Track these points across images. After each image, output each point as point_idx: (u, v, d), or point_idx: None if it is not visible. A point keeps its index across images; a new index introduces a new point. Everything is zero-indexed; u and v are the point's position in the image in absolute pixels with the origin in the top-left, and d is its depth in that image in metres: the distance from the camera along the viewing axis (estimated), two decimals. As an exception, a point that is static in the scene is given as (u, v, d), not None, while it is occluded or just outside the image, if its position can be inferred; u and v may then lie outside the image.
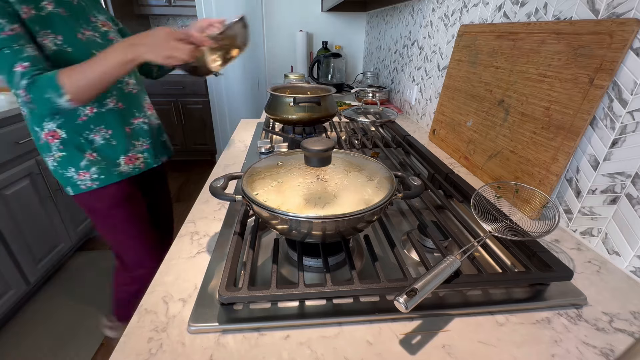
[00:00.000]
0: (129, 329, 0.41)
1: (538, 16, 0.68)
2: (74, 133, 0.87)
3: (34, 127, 0.86)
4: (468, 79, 0.90)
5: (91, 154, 0.89)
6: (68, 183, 0.90)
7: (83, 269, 1.82)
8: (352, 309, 0.43)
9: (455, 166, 0.90)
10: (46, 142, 0.86)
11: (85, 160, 0.89)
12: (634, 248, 0.49)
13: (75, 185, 0.90)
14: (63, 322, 1.48)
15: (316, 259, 0.51)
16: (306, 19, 2.38)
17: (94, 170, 0.90)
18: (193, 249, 0.56)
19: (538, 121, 0.64)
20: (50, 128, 0.85)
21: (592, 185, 0.56)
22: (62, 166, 0.88)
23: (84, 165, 0.89)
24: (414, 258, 0.54)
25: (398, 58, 1.60)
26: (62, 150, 0.87)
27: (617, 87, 0.51)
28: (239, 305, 0.43)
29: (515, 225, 0.54)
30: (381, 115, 1.27)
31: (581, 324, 0.42)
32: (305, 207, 0.43)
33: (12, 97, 1.60)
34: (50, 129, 0.85)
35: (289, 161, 0.54)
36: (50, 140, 0.86)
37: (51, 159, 0.88)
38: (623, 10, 0.51)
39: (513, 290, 0.46)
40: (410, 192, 0.52)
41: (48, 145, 0.86)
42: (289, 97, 0.99)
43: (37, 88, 0.70)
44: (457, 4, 1.01)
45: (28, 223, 1.50)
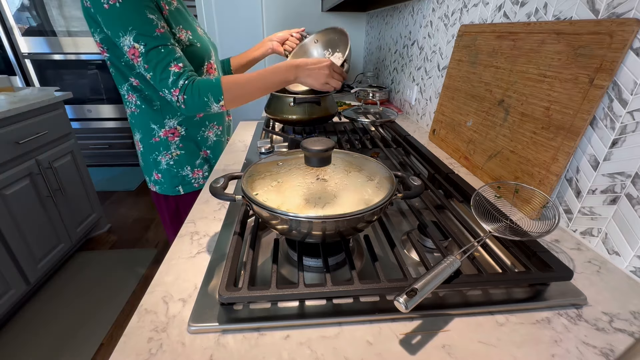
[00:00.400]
0: (129, 329, 0.41)
1: (538, 16, 0.68)
2: (193, 130, 0.88)
3: (151, 124, 0.85)
4: (468, 79, 0.90)
5: (205, 151, 0.91)
6: (181, 182, 0.90)
7: (83, 269, 1.82)
8: (352, 309, 0.43)
9: (455, 166, 0.90)
10: (165, 139, 0.85)
11: (200, 158, 0.90)
12: (634, 248, 0.49)
13: (189, 183, 0.90)
14: (63, 322, 1.48)
15: (316, 259, 0.51)
16: (306, 19, 2.38)
17: (206, 167, 0.92)
18: (193, 249, 0.56)
19: (538, 121, 0.64)
20: (172, 125, 0.85)
21: (592, 185, 0.56)
22: (179, 164, 0.88)
23: (199, 163, 0.91)
24: (414, 258, 0.54)
25: (398, 58, 1.60)
26: (181, 149, 0.88)
27: (617, 87, 0.51)
28: (239, 305, 0.43)
29: (515, 225, 0.54)
30: (381, 115, 1.27)
31: (581, 324, 0.42)
32: (305, 207, 0.43)
33: (12, 97, 1.60)
34: (171, 126, 0.85)
35: (289, 161, 0.54)
36: (170, 138, 0.86)
37: (167, 157, 0.87)
38: (623, 10, 0.51)
39: (513, 290, 0.46)
40: (410, 192, 0.52)
41: (167, 143, 0.86)
42: (288, 97, 0.99)
43: (197, 90, 0.70)
44: (457, 4, 1.01)
45: (28, 223, 1.50)
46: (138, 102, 0.84)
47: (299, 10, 2.35)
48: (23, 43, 2.57)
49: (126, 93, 0.85)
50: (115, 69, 0.81)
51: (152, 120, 0.85)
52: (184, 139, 0.88)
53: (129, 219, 2.31)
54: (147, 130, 0.86)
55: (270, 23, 2.39)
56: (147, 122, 0.86)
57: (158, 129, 0.86)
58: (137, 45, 0.69)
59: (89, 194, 1.97)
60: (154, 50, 0.70)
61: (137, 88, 0.83)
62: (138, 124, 0.87)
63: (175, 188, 0.91)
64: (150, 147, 0.88)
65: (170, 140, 0.86)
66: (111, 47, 0.77)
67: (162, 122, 0.86)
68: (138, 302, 1.03)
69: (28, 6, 2.46)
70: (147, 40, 0.69)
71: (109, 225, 2.22)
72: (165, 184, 0.92)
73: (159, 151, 0.88)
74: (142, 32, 0.69)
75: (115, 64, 0.80)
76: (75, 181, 1.84)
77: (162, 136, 0.86)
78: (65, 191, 1.75)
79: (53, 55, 2.62)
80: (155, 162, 0.89)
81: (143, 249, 2.00)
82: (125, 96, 0.85)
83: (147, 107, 0.85)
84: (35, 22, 2.52)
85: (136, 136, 0.89)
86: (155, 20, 0.71)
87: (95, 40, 0.77)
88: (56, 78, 2.70)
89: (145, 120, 0.86)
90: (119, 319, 1.50)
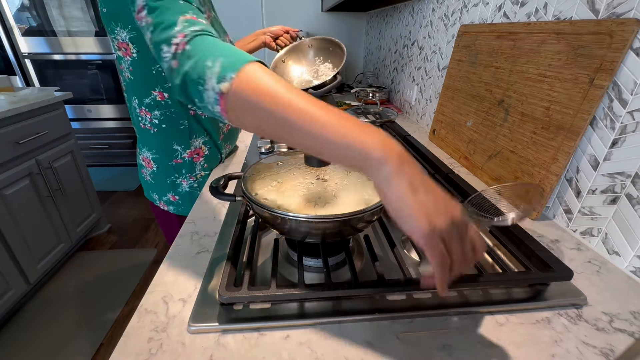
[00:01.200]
0: (129, 329, 0.41)
1: (538, 16, 0.68)
2: (214, 149, 0.80)
3: (174, 145, 0.74)
4: (468, 79, 0.90)
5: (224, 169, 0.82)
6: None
7: (83, 269, 1.82)
8: (352, 309, 0.43)
9: (455, 166, 0.90)
10: (189, 160, 0.75)
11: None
12: (634, 248, 0.49)
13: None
14: (63, 322, 1.48)
15: (316, 259, 0.51)
16: (306, 19, 2.38)
17: None
18: (193, 249, 0.56)
19: (538, 121, 0.64)
20: (197, 145, 0.76)
21: (592, 185, 0.56)
22: (200, 186, 0.79)
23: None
24: (414, 258, 0.54)
25: (398, 58, 1.60)
26: (205, 169, 0.79)
27: (617, 87, 0.51)
28: (239, 305, 0.43)
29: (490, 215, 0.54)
30: (381, 115, 1.27)
31: (581, 324, 0.42)
32: (305, 207, 0.43)
33: (12, 97, 1.60)
34: (197, 146, 0.76)
35: (289, 161, 0.54)
36: (196, 159, 0.76)
37: (191, 180, 0.77)
38: (623, 10, 0.51)
39: (513, 290, 0.46)
40: (410, 192, 0.52)
41: (192, 165, 0.76)
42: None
43: (205, 44, 0.41)
44: (457, 4, 1.01)
45: (28, 223, 1.50)
46: (156, 120, 0.72)
47: (299, 10, 2.35)
48: (23, 43, 2.57)
49: (138, 107, 0.71)
50: (136, 75, 0.68)
51: (177, 141, 0.75)
52: (207, 159, 0.80)
53: (129, 219, 2.31)
54: (168, 151, 0.75)
55: (271, 23, 2.39)
56: (168, 142, 0.75)
57: (182, 150, 0.75)
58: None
59: (89, 194, 1.97)
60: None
61: (162, 104, 0.70)
62: (154, 143, 0.76)
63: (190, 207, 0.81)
64: (168, 169, 0.77)
65: (195, 162, 0.78)
66: (142, 48, 0.64)
67: (187, 143, 0.75)
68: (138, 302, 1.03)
69: (28, 6, 2.46)
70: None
71: (109, 225, 2.22)
72: (183, 205, 0.82)
73: (180, 173, 0.78)
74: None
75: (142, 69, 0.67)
76: (75, 181, 1.84)
77: (187, 157, 0.76)
78: (65, 191, 1.75)
79: (53, 55, 2.62)
80: (173, 184, 0.79)
81: (143, 249, 2.00)
82: (137, 110, 0.72)
83: (169, 126, 0.73)
84: (35, 22, 2.51)
85: (147, 154, 0.77)
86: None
87: (122, 41, 0.64)
88: (56, 78, 2.70)
89: (167, 140, 0.75)
90: (119, 319, 1.50)
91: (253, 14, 2.37)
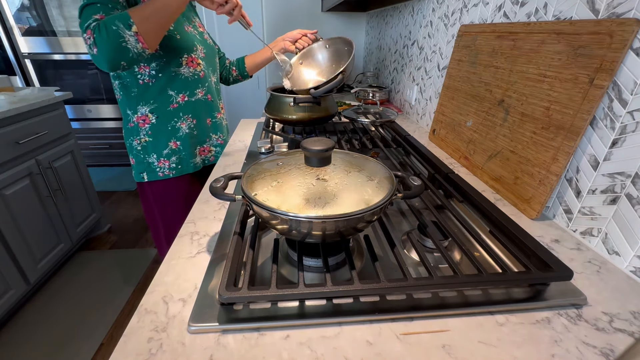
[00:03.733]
0: (129, 329, 0.41)
1: (538, 16, 0.68)
2: (164, 119, 0.90)
3: (127, 109, 0.89)
4: (468, 79, 0.90)
5: (175, 142, 0.93)
6: (146, 169, 0.93)
7: (83, 269, 1.82)
8: (352, 309, 0.43)
9: (455, 166, 0.90)
10: (136, 125, 0.89)
11: (168, 149, 0.92)
12: (634, 248, 0.49)
13: (153, 171, 0.93)
14: (63, 322, 1.48)
15: (316, 259, 0.51)
16: (306, 19, 2.38)
17: (173, 159, 0.94)
18: (193, 249, 0.56)
19: (538, 121, 0.64)
20: (144, 112, 0.89)
21: (592, 185, 0.56)
22: (146, 151, 0.91)
23: (166, 153, 0.92)
24: (414, 258, 0.54)
25: (398, 58, 1.60)
26: (149, 136, 0.91)
27: (617, 87, 0.51)
28: (239, 305, 0.43)
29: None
30: (381, 115, 1.27)
31: (581, 324, 0.42)
32: (305, 207, 0.43)
33: (12, 97, 1.60)
34: (143, 113, 0.89)
35: (289, 161, 0.54)
36: (141, 125, 0.89)
37: (136, 143, 0.91)
38: (623, 10, 0.51)
39: (513, 290, 0.46)
40: (410, 192, 0.52)
41: (137, 129, 0.90)
42: (288, 97, 0.99)
43: (104, 24, 0.66)
44: (457, 4, 1.01)
45: (28, 223, 1.50)
46: (118, 88, 0.89)
47: (299, 10, 2.35)
48: (23, 43, 2.57)
49: (113, 81, 0.90)
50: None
51: (129, 106, 0.89)
52: (153, 127, 0.90)
53: (129, 219, 2.31)
54: (125, 115, 0.91)
55: (271, 23, 2.39)
56: (124, 108, 0.90)
57: (132, 114, 0.89)
58: (82, 4, 0.70)
59: (89, 194, 1.97)
60: (91, 5, 0.69)
61: (120, 75, 0.87)
62: (121, 109, 0.92)
63: (140, 174, 0.94)
64: (126, 132, 0.93)
65: (140, 127, 0.90)
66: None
67: (135, 109, 0.89)
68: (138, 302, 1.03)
69: (28, 6, 2.46)
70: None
71: (109, 225, 2.22)
72: (135, 169, 0.96)
73: (133, 136, 0.91)
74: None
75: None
76: (75, 181, 1.84)
77: (135, 121, 0.89)
78: (65, 191, 1.75)
79: (53, 55, 2.62)
80: (130, 147, 0.93)
81: (143, 249, 2.00)
82: (113, 85, 0.90)
83: (125, 94, 0.88)
84: (35, 22, 2.51)
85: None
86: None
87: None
88: (56, 78, 2.70)
89: (124, 106, 0.90)
90: (119, 319, 1.50)
91: (253, 14, 2.37)
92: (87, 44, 0.68)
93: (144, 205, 1.02)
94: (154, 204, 0.99)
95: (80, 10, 0.71)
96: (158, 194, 0.97)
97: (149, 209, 1.01)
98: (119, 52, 0.68)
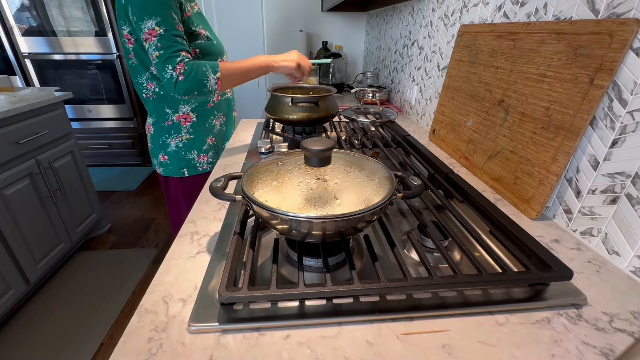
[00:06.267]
0: (129, 329, 0.41)
1: (538, 16, 0.68)
2: (202, 117, 0.99)
3: (166, 108, 0.95)
4: (468, 79, 0.90)
5: (211, 138, 1.03)
6: (187, 165, 1.00)
7: (83, 269, 1.82)
8: (352, 309, 0.43)
9: (455, 166, 0.90)
10: (177, 123, 0.96)
11: (206, 145, 1.01)
12: (634, 248, 0.49)
13: (194, 167, 1.01)
14: (63, 322, 1.48)
15: (316, 259, 0.51)
16: (306, 19, 2.38)
17: (210, 154, 1.02)
18: (193, 249, 0.56)
19: (538, 121, 0.64)
20: (185, 111, 0.96)
21: (592, 185, 0.56)
22: (187, 148, 0.99)
23: (205, 149, 1.01)
24: (414, 258, 0.54)
25: (398, 58, 1.60)
26: (190, 133, 0.98)
27: (617, 87, 0.51)
28: (239, 305, 0.43)
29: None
30: (381, 115, 1.27)
31: (581, 324, 0.42)
32: (305, 207, 0.43)
33: (12, 97, 1.60)
34: (184, 112, 0.96)
35: (289, 161, 0.54)
36: (182, 123, 0.97)
37: (177, 140, 0.98)
38: (623, 10, 0.51)
39: (513, 290, 0.46)
40: (410, 192, 0.52)
41: (178, 127, 0.97)
42: (288, 97, 0.99)
43: (197, 65, 0.81)
44: (457, 4, 1.01)
45: (28, 223, 1.50)
46: (157, 89, 0.94)
47: (299, 10, 2.36)
48: (23, 43, 2.57)
49: (145, 81, 0.94)
50: (138, 59, 0.91)
51: (168, 105, 0.94)
52: (195, 125, 0.98)
53: (129, 219, 2.31)
54: (161, 114, 0.96)
55: (270, 23, 2.39)
56: (162, 107, 0.95)
57: (172, 113, 0.95)
58: (158, 28, 0.80)
59: (89, 194, 1.97)
60: (172, 36, 0.81)
61: (157, 76, 0.93)
62: (153, 108, 0.96)
63: (181, 170, 1.00)
64: (161, 130, 0.97)
65: (182, 125, 0.96)
66: (139, 38, 0.86)
67: (176, 108, 0.95)
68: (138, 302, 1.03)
69: (28, 6, 2.46)
70: (169, 27, 0.81)
71: (109, 225, 2.22)
72: (170, 166, 1.01)
73: (169, 134, 0.97)
74: (165, 21, 0.81)
75: (140, 55, 0.90)
76: (75, 181, 1.84)
77: (175, 120, 0.96)
78: (65, 191, 1.75)
79: (53, 55, 2.62)
80: (163, 144, 0.98)
81: (143, 249, 2.00)
82: (144, 84, 0.94)
83: (164, 93, 0.93)
84: (35, 22, 2.51)
85: (149, 120, 1.00)
86: (177, 19, 0.83)
87: (123, 33, 0.88)
88: (56, 78, 2.70)
89: (162, 105, 0.95)
90: (119, 319, 1.50)
91: (253, 14, 2.37)
92: (170, 72, 0.79)
93: (171, 200, 1.07)
94: (182, 198, 1.05)
95: (162, 35, 0.80)
96: (190, 188, 1.03)
97: (176, 203, 1.07)
98: (199, 86, 0.82)
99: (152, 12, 0.80)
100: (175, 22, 0.82)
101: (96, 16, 2.53)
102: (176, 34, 0.82)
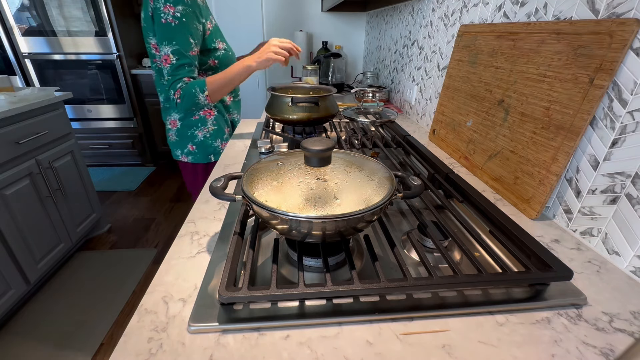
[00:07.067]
0: (128, 329, 0.41)
1: (538, 16, 0.68)
2: (222, 112, 1.19)
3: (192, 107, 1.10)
4: (468, 79, 0.90)
5: (227, 129, 1.23)
6: (213, 151, 1.18)
7: (83, 269, 1.82)
8: (352, 309, 0.43)
9: (455, 166, 0.90)
10: (203, 117, 1.13)
11: (226, 134, 1.21)
12: (634, 248, 0.49)
13: (218, 153, 1.19)
14: (63, 322, 1.48)
15: (316, 259, 0.51)
16: (306, 19, 2.38)
17: (228, 142, 1.19)
18: (193, 249, 0.56)
19: (538, 121, 0.64)
20: (209, 106, 1.13)
21: (592, 185, 0.56)
22: (213, 137, 1.17)
23: (225, 137, 1.20)
24: (414, 258, 0.54)
25: (398, 58, 1.60)
26: (215, 125, 1.16)
27: (617, 87, 0.51)
28: (239, 305, 0.43)
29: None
30: (381, 115, 1.27)
31: (581, 324, 0.42)
32: (305, 207, 0.43)
33: (12, 97, 1.61)
34: (209, 107, 1.13)
35: (289, 161, 0.54)
36: (208, 117, 1.14)
37: (204, 131, 1.15)
38: (623, 10, 0.51)
39: (513, 290, 0.46)
40: (410, 192, 0.52)
41: (205, 120, 1.14)
42: (288, 97, 0.99)
43: (187, 87, 0.98)
44: (457, 4, 1.01)
45: (28, 223, 1.50)
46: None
47: (299, 10, 2.35)
48: (23, 43, 2.57)
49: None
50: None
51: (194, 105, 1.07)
52: (217, 118, 1.16)
53: (129, 219, 2.31)
54: (188, 112, 1.12)
55: (270, 23, 2.39)
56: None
57: (197, 110, 1.12)
58: (172, 57, 0.96)
59: (89, 194, 1.97)
60: (181, 66, 0.97)
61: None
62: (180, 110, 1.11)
63: (208, 156, 1.17)
64: (189, 124, 1.13)
65: (207, 118, 1.13)
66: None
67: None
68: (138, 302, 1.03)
69: (28, 6, 2.46)
70: (180, 56, 0.96)
71: (109, 225, 2.22)
72: (199, 154, 1.17)
73: (197, 127, 1.13)
74: (180, 49, 0.95)
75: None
76: (75, 181, 1.84)
77: (202, 114, 1.13)
78: (65, 191, 1.75)
79: (53, 55, 2.62)
80: (192, 136, 1.14)
81: (143, 249, 2.00)
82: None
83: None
84: (35, 22, 2.52)
85: (174, 116, 1.13)
86: (193, 44, 0.98)
87: (150, 42, 1.02)
88: (56, 78, 2.70)
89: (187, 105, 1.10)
90: (119, 319, 1.50)
91: (253, 13, 2.37)
92: (172, 96, 0.99)
93: (195, 184, 1.24)
94: (202, 182, 1.20)
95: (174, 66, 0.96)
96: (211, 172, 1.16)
97: (198, 186, 1.23)
98: (193, 104, 1.01)
99: (170, 38, 0.94)
100: (190, 47, 0.97)
101: (96, 16, 2.53)
102: (184, 63, 0.96)
